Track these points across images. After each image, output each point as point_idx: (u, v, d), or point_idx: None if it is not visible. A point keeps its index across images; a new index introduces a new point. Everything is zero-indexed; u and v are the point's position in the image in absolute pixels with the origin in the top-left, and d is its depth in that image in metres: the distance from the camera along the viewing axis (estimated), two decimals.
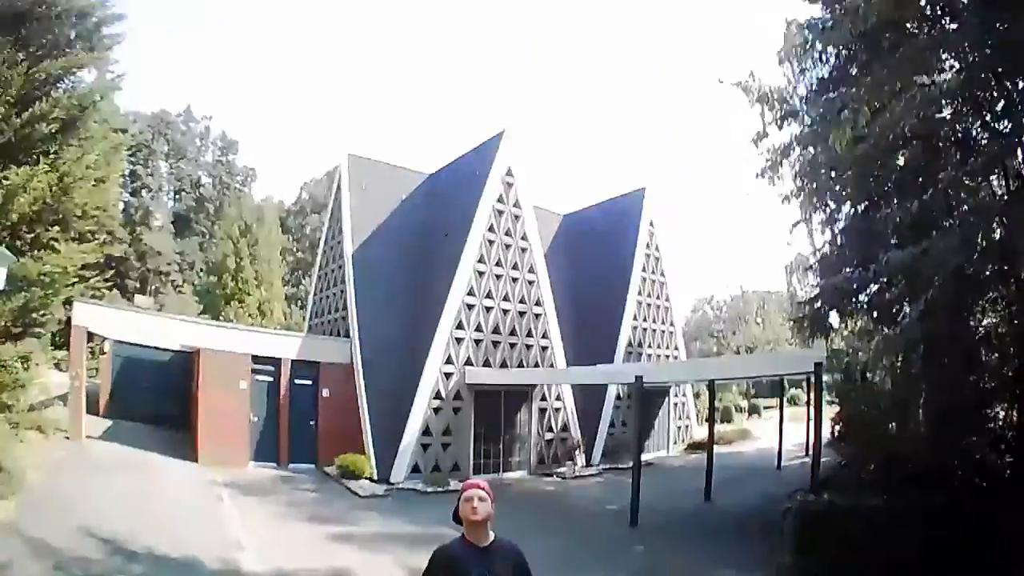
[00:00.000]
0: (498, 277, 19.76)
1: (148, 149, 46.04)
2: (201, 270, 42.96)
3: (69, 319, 16.12)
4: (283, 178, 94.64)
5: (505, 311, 19.84)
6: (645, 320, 24.58)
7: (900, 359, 9.62)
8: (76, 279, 13.72)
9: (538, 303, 20.63)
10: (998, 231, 8.47)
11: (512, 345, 19.91)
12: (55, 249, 13.05)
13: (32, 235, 12.66)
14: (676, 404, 26.21)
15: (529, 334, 20.39)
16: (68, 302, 15.06)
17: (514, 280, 20.15)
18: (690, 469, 19.44)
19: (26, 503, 9.43)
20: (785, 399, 24.85)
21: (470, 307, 19.01)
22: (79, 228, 14.03)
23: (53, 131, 12.82)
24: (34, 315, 13.10)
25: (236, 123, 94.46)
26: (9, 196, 11.63)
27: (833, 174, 10.02)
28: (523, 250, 20.42)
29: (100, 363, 21.85)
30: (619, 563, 10.83)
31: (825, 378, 11.40)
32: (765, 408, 37.79)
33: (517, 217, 20.40)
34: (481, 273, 19.39)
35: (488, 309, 19.45)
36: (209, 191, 48.73)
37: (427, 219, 21.74)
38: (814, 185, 10.43)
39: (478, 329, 19.19)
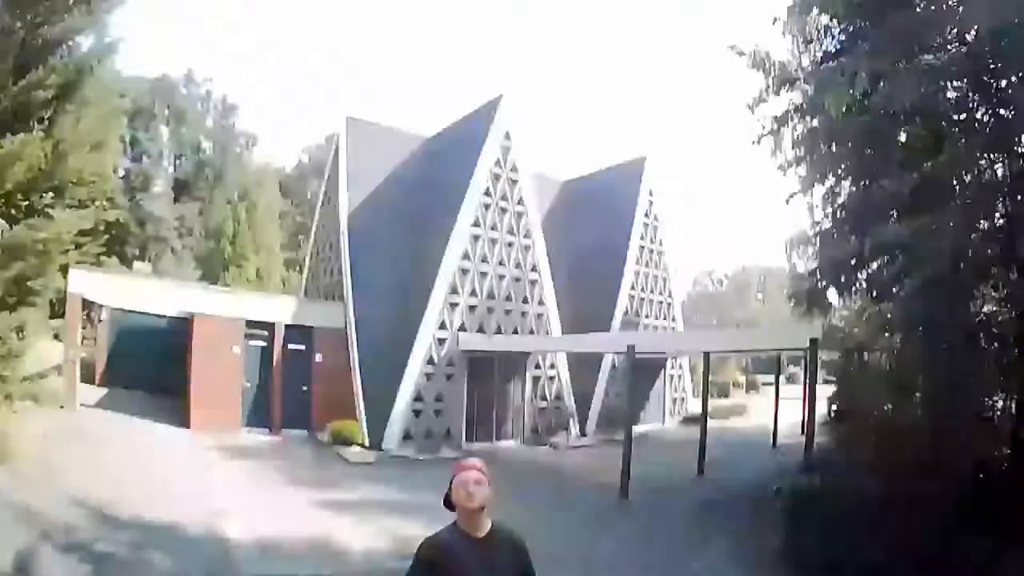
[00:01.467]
0: (494, 242, 19.54)
1: (149, 114, 45.75)
2: (200, 235, 42.81)
3: (65, 293, 16.03)
4: (284, 143, 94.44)
5: (500, 276, 19.67)
6: (643, 290, 24.39)
7: (899, 340, 9.51)
8: (71, 246, 13.61)
9: (534, 269, 20.42)
10: (1000, 213, 8.31)
11: (507, 312, 19.76)
12: (50, 216, 12.90)
13: (27, 203, 12.51)
14: (672, 376, 26.16)
15: (524, 300, 20.22)
16: (64, 269, 14.97)
17: (510, 245, 19.93)
18: (684, 442, 19.26)
19: (14, 471, 9.42)
20: (784, 377, 24.75)
21: (465, 272, 18.82)
22: (75, 195, 13.91)
23: (50, 97, 12.61)
24: (29, 284, 12.99)
25: (237, 88, 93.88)
26: (4, 164, 11.46)
27: (833, 147, 9.80)
28: (519, 215, 20.16)
29: (97, 332, 21.82)
30: (609, 536, 10.75)
31: (823, 356, 11.31)
32: (764, 384, 37.39)
33: (514, 181, 20.12)
34: (476, 237, 19.18)
35: (483, 274, 19.27)
36: (209, 156, 48.43)
37: (424, 182, 21.45)
38: (812, 157, 10.23)
39: (472, 294, 19.02)
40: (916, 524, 6.86)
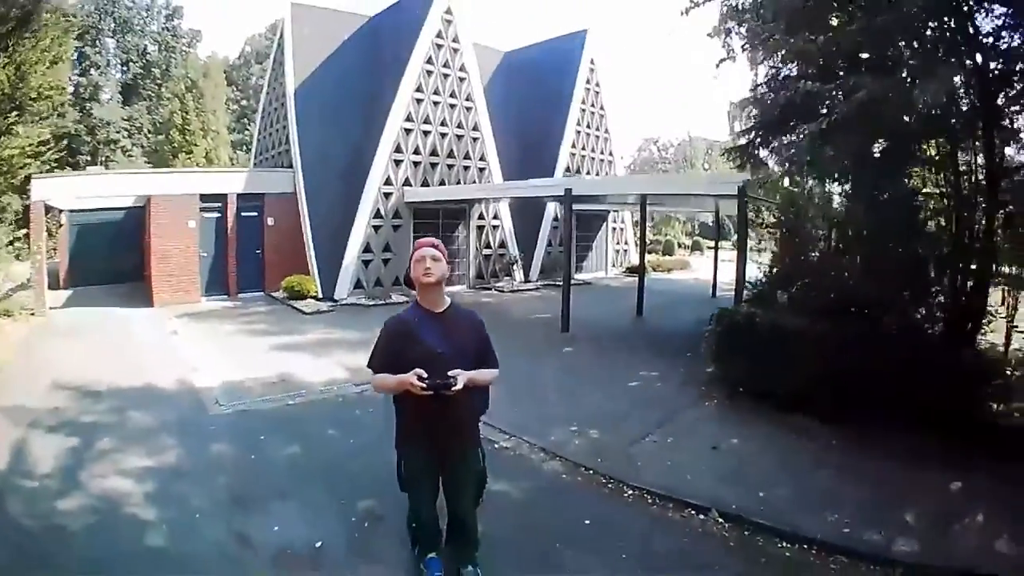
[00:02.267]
0: (436, 104, 19.91)
1: (95, 29, 44.64)
2: (149, 132, 42.42)
3: (27, 207, 16.15)
4: (227, 35, 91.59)
5: (443, 135, 20.14)
6: (584, 149, 25.03)
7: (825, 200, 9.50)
8: (31, 157, 13.95)
9: (475, 128, 20.92)
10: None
11: (450, 167, 20.35)
12: (14, 133, 13.26)
13: None
14: (615, 229, 27.16)
15: (467, 156, 20.81)
16: (27, 180, 15.22)
17: (452, 107, 20.32)
18: (625, 290, 19.97)
19: None
20: (730, 244, 25.66)
21: (408, 132, 19.24)
22: (35, 110, 14.26)
23: (10, 29, 12.82)
24: None
25: None
26: None
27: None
28: (461, 79, 20.48)
29: (58, 240, 22.10)
30: (548, 360, 11.28)
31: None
32: (708, 248, 38.35)
33: (456, 51, 20.36)
34: (419, 101, 19.51)
35: (426, 133, 19.72)
36: (155, 57, 47.37)
37: (367, 57, 21.58)
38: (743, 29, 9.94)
39: (416, 152, 19.50)
40: (839, 359, 6.91)
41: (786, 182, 9.76)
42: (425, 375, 3.58)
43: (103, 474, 6.18)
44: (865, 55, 7.87)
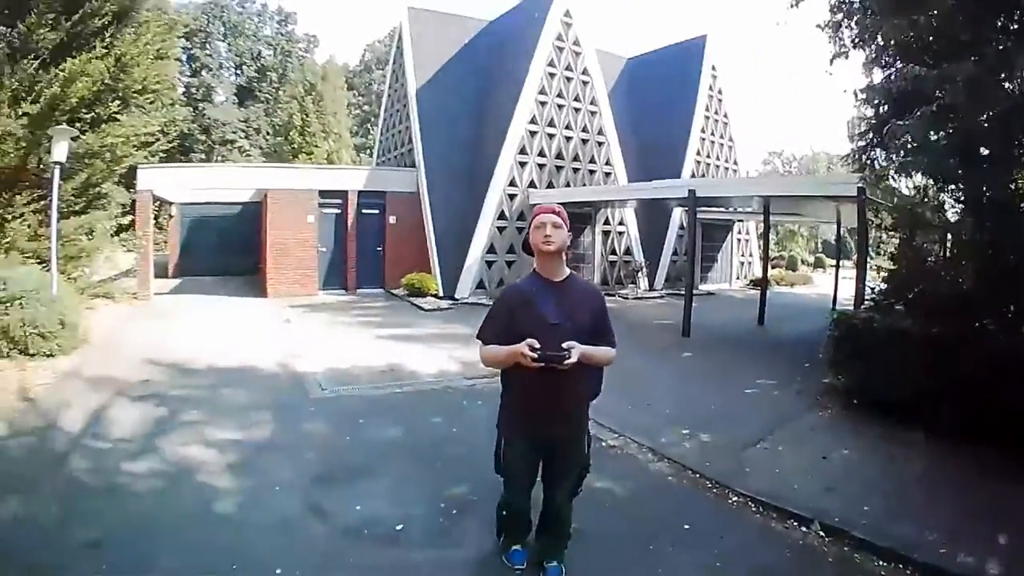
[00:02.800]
0: (560, 107, 19.59)
1: (204, 33, 46.24)
2: (268, 134, 43.42)
3: (134, 202, 16.47)
4: (346, 43, 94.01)
5: (568, 138, 19.78)
6: (708, 156, 24.31)
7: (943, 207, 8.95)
8: (136, 147, 14.23)
9: (600, 132, 20.47)
10: None
11: (575, 170, 19.98)
12: (117, 120, 13.50)
13: (92, 115, 13.00)
14: (739, 240, 26.43)
15: (592, 160, 20.36)
16: (132, 171, 15.56)
17: (576, 110, 19.96)
18: (748, 302, 19.36)
19: (90, 352, 9.72)
20: (851, 262, 24.92)
21: (532, 134, 18.99)
22: (139, 102, 14.52)
23: (106, 24, 13.07)
24: (96, 189, 13.81)
25: None
26: (67, 83, 11.98)
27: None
28: (584, 83, 20.13)
29: (168, 232, 22.77)
30: (666, 363, 11.10)
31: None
32: (830, 266, 37.16)
33: (577, 54, 20.02)
34: (543, 103, 19.24)
35: (551, 136, 19.40)
36: (271, 60, 48.80)
37: (487, 60, 21.57)
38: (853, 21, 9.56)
39: (541, 155, 19.21)
40: (954, 366, 6.45)
41: (902, 185, 9.41)
42: (538, 345, 3.34)
43: (183, 443, 6.06)
44: (964, 37, 7.13)
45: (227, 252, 22.48)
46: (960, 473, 5.99)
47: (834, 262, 29.19)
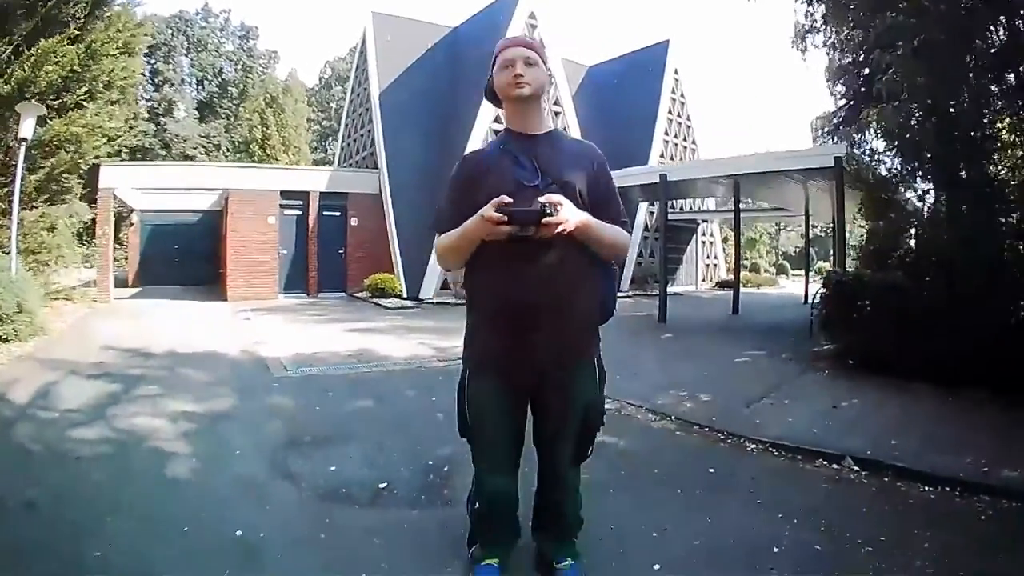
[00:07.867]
0: None
1: (167, 47, 45.95)
2: (227, 150, 43.04)
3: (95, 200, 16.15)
4: (306, 61, 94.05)
5: None
6: (672, 159, 24.36)
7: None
8: (103, 139, 13.99)
9: (564, 131, 20.33)
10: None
11: None
12: (84, 108, 13.29)
13: (59, 102, 12.79)
14: (704, 243, 26.63)
15: None
16: (95, 171, 15.26)
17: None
18: (717, 300, 19.68)
19: (47, 340, 9.50)
20: (814, 270, 25.72)
21: (496, 132, 18.85)
22: (106, 97, 14.23)
23: (80, 10, 12.98)
24: (61, 181, 13.51)
25: (255, 11, 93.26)
26: (37, 65, 11.80)
27: None
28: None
29: (128, 241, 22.41)
30: (647, 344, 10.95)
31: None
32: (792, 274, 38.14)
33: None
34: None
35: None
36: (232, 76, 48.56)
37: (450, 64, 21.63)
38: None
39: None
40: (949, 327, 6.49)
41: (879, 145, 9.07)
42: (508, 200, 2.26)
43: (134, 414, 5.71)
44: None
45: (188, 262, 21.97)
46: (979, 410, 5.97)
47: (795, 271, 29.68)
